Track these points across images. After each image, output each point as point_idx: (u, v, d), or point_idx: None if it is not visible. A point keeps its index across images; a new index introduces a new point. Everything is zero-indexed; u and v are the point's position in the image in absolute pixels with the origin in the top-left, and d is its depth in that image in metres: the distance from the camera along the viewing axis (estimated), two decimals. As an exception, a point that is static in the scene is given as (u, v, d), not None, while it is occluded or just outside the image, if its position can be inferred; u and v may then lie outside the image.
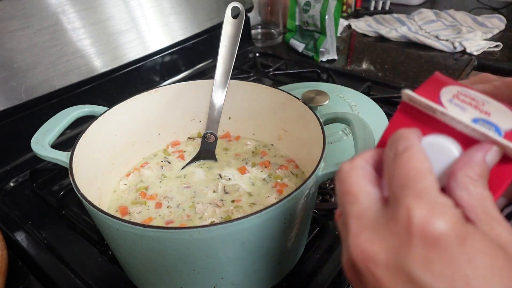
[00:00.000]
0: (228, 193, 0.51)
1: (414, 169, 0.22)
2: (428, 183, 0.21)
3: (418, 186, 0.21)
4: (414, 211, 0.20)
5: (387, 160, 0.24)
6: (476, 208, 0.21)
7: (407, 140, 0.23)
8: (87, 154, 0.46)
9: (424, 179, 0.21)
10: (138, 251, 0.38)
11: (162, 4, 0.82)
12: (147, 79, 0.85)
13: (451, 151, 0.22)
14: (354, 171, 0.25)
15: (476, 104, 0.24)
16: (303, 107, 0.50)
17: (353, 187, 0.24)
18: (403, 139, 0.24)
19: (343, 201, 0.24)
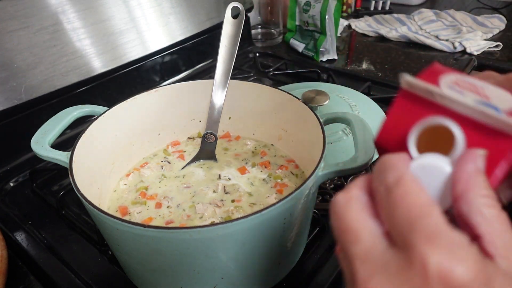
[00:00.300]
0: (228, 193, 0.51)
1: (415, 206, 0.20)
2: (435, 220, 0.19)
3: (426, 226, 0.19)
4: (429, 258, 0.18)
5: (379, 194, 0.22)
6: (494, 238, 0.20)
7: (395, 170, 0.22)
8: (87, 154, 0.46)
9: (430, 216, 0.20)
10: (138, 251, 0.38)
11: (162, 4, 0.82)
12: (147, 79, 0.85)
13: (443, 170, 0.21)
14: (351, 204, 0.23)
15: (475, 89, 0.25)
16: (303, 107, 0.50)
17: (352, 223, 0.22)
18: (391, 169, 0.22)
19: (344, 240, 0.22)
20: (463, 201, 0.21)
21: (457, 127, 0.22)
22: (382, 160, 0.23)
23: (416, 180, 0.21)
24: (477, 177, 0.21)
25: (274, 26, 1.14)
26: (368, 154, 0.41)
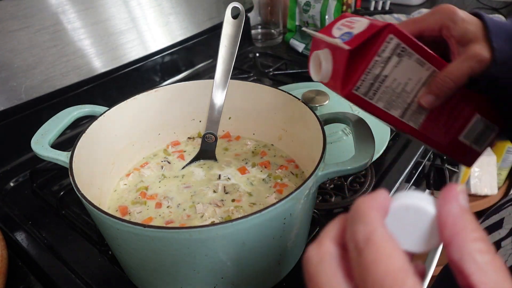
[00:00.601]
0: (228, 193, 0.51)
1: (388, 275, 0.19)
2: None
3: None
4: None
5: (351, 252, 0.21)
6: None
7: (366, 223, 0.20)
8: (87, 154, 0.46)
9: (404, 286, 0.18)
10: (138, 251, 0.38)
11: (162, 4, 0.82)
12: (147, 79, 0.85)
13: (427, 212, 0.21)
14: (323, 264, 0.21)
15: (350, 25, 0.36)
16: (303, 107, 0.50)
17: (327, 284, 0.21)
18: (362, 221, 0.21)
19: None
20: (454, 248, 0.19)
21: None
22: (355, 205, 0.22)
23: (387, 238, 0.20)
24: (463, 218, 0.20)
25: (274, 26, 1.14)
26: (368, 154, 0.41)
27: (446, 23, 0.37)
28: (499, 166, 1.37)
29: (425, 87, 0.37)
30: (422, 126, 0.39)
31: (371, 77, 0.35)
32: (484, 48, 0.35)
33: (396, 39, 0.34)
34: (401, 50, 0.35)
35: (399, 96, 0.37)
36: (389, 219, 0.21)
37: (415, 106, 0.38)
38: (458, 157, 0.43)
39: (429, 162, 0.80)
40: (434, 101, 0.37)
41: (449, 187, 0.21)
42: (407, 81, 0.37)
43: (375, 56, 0.34)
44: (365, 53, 0.34)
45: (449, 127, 0.40)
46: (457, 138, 0.41)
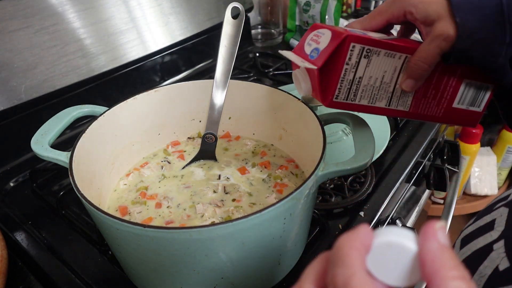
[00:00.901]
0: (228, 193, 0.51)
1: None
2: None
3: None
4: None
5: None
6: None
7: (346, 266, 0.21)
8: (87, 154, 0.46)
9: None
10: (138, 251, 0.38)
11: (162, 4, 0.82)
12: (147, 79, 0.85)
13: (408, 249, 0.21)
14: None
15: (316, 39, 0.38)
16: (303, 107, 0.50)
17: None
18: (342, 264, 0.21)
19: None
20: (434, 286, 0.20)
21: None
22: (337, 244, 0.22)
23: (366, 282, 0.20)
24: (443, 256, 0.20)
25: (274, 26, 1.14)
26: (368, 154, 0.41)
27: (408, 8, 0.38)
28: (499, 166, 1.37)
29: (402, 73, 0.39)
30: (412, 107, 0.42)
31: (346, 83, 0.38)
32: (449, 25, 0.36)
33: (358, 45, 0.36)
34: (367, 52, 0.37)
35: (380, 88, 0.39)
36: (372, 255, 0.21)
37: (399, 92, 0.40)
38: (458, 122, 0.44)
39: (429, 162, 0.80)
40: (415, 83, 0.39)
41: (428, 224, 0.21)
42: (383, 74, 0.39)
43: (344, 65, 0.37)
44: (334, 65, 0.37)
45: (440, 99, 0.42)
46: (451, 106, 0.42)
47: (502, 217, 0.30)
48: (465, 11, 0.35)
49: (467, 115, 0.44)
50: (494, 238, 0.29)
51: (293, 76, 0.43)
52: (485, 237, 0.30)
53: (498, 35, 0.35)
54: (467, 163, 1.24)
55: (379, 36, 0.39)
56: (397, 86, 0.40)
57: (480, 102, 0.43)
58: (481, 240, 0.30)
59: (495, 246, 0.28)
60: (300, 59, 0.39)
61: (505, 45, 0.35)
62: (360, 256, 0.21)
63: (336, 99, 0.38)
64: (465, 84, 0.42)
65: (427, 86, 0.40)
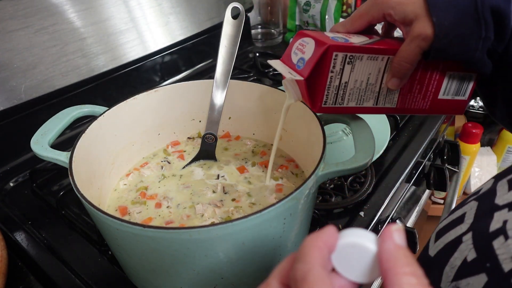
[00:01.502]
0: (227, 193, 0.51)
1: None
2: None
3: None
4: None
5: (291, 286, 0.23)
6: None
7: (305, 262, 0.23)
8: (87, 154, 0.46)
9: None
10: (138, 251, 0.38)
11: (162, 4, 0.82)
12: (147, 79, 0.85)
13: (369, 249, 0.23)
14: None
15: (302, 48, 0.40)
16: (303, 107, 0.50)
17: None
18: (302, 260, 0.23)
19: None
20: (389, 281, 0.21)
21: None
22: (302, 243, 0.24)
23: (321, 277, 0.22)
24: (397, 254, 0.22)
25: (274, 26, 1.14)
26: (368, 154, 0.41)
27: (387, 11, 0.39)
28: (499, 166, 1.37)
29: (387, 73, 0.40)
30: (399, 103, 0.43)
31: (333, 89, 0.39)
32: (426, 24, 0.37)
33: (340, 53, 0.38)
34: (350, 58, 0.38)
35: (366, 90, 0.41)
36: (336, 254, 0.23)
37: (385, 91, 0.42)
38: (445, 112, 0.46)
39: (429, 162, 0.80)
40: (400, 82, 0.40)
41: (387, 228, 0.23)
42: (368, 76, 0.40)
43: (329, 73, 0.38)
44: (320, 73, 0.38)
45: (425, 93, 0.43)
46: (437, 98, 0.44)
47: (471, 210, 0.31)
48: (441, 10, 0.36)
49: (453, 104, 0.45)
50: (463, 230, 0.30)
51: (283, 84, 0.44)
52: (455, 230, 0.31)
53: (474, 31, 0.36)
54: (467, 163, 1.24)
55: (361, 41, 0.40)
56: (383, 85, 0.41)
57: (465, 91, 0.45)
58: (452, 233, 0.31)
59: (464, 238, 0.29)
60: (288, 69, 0.41)
61: (481, 40, 0.37)
62: (320, 254, 0.23)
63: (325, 105, 0.40)
64: (449, 76, 0.43)
65: (411, 82, 0.42)
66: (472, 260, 0.27)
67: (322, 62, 0.38)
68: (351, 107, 0.42)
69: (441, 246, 0.32)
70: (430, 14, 0.36)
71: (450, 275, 0.29)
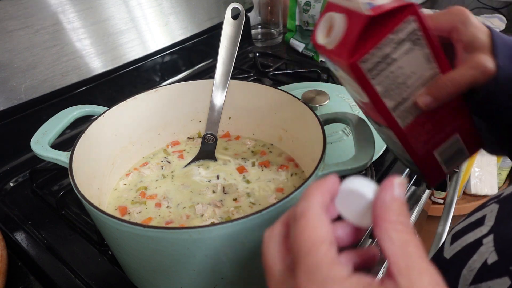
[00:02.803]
0: (227, 193, 0.51)
1: (308, 241, 0.22)
2: (320, 256, 0.22)
3: (310, 260, 0.22)
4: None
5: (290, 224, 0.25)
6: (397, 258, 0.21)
7: (306, 200, 0.24)
8: (87, 154, 0.46)
9: (317, 252, 0.22)
10: (138, 251, 0.38)
11: (162, 4, 0.82)
12: (147, 79, 0.85)
13: (366, 196, 0.24)
14: (270, 242, 0.26)
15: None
16: (303, 107, 0.50)
17: (268, 261, 0.25)
18: (303, 200, 0.24)
19: (265, 273, 0.25)
20: (377, 227, 0.22)
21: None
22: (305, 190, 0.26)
23: (318, 214, 0.24)
24: (391, 204, 0.23)
25: (274, 26, 1.14)
26: (368, 154, 0.41)
27: (457, 25, 0.36)
28: (499, 166, 1.37)
29: (425, 87, 0.36)
30: (407, 126, 0.38)
31: (380, 55, 0.34)
32: (490, 61, 0.34)
33: (414, 23, 0.33)
34: (416, 38, 0.34)
35: (398, 87, 0.36)
36: (339, 197, 0.25)
37: (409, 103, 0.37)
38: (427, 171, 0.42)
39: (429, 162, 0.80)
40: (431, 103, 0.36)
41: (389, 178, 0.24)
42: (410, 74, 0.35)
43: (391, 33, 0.33)
44: (381, 27, 0.32)
45: (430, 138, 0.39)
46: (432, 152, 0.40)
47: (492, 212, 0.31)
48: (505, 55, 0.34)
49: (436, 169, 0.42)
50: (484, 233, 0.30)
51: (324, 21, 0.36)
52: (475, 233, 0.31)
53: None
54: (467, 163, 1.24)
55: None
56: (412, 96, 0.37)
57: (452, 163, 0.42)
58: (471, 235, 0.31)
59: (485, 241, 0.29)
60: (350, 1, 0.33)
61: None
62: (321, 197, 0.25)
63: (361, 63, 0.33)
64: (456, 138, 0.40)
65: (431, 116, 0.38)
66: (493, 263, 0.27)
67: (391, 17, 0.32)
68: (374, 91, 0.35)
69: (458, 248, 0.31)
70: (496, 54, 0.34)
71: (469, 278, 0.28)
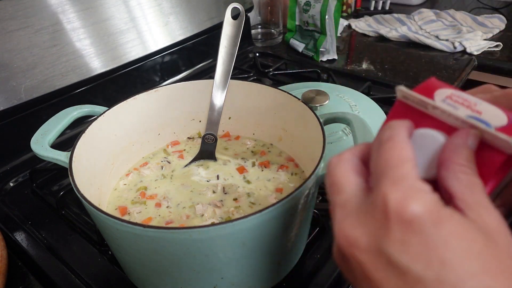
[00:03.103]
0: (227, 193, 0.51)
1: (394, 157, 0.23)
2: (406, 170, 0.22)
3: (396, 172, 0.22)
4: (389, 195, 0.21)
5: (373, 149, 0.25)
6: (465, 195, 0.22)
7: (392, 129, 0.25)
8: (87, 154, 0.46)
9: (403, 166, 0.23)
10: (138, 251, 0.38)
11: (162, 4, 0.82)
12: (147, 79, 0.85)
13: (438, 140, 0.24)
14: (341, 163, 0.26)
15: (468, 104, 0.25)
16: (303, 107, 0.50)
17: (338, 178, 0.25)
18: (389, 128, 0.25)
19: (331, 192, 0.26)
20: (444, 167, 0.23)
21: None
22: (385, 123, 0.26)
23: (406, 140, 0.24)
24: (462, 150, 0.23)
25: (274, 26, 1.14)
26: (368, 154, 0.41)
27: None
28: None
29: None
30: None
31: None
32: None
33: None
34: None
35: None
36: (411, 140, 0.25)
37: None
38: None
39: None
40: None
41: (466, 129, 0.24)
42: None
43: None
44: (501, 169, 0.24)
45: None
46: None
47: None
48: None
49: None
50: None
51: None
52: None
53: None
54: None
55: None
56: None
57: None
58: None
59: None
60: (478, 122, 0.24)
61: None
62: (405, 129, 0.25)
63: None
64: None
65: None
66: None
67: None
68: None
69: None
70: None
71: None
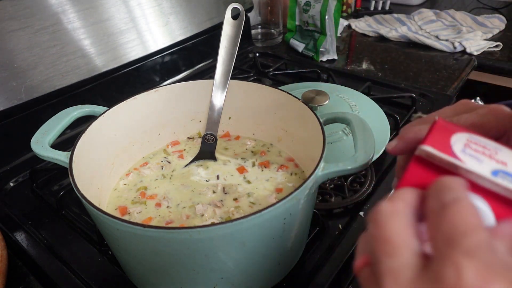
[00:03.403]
0: (227, 193, 0.51)
1: (464, 224, 0.19)
2: (480, 239, 0.18)
3: (469, 241, 0.18)
4: (464, 270, 0.17)
5: (432, 212, 0.21)
6: None
7: (455, 191, 0.21)
8: (87, 154, 0.46)
9: (476, 234, 0.19)
10: (138, 251, 0.38)
11: (162, 4, 0.82)
12: (147, 79, 0.85)
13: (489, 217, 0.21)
14: (397, 217, 0.21)
15: (490, 153, 0.24)
16: (303, 107, 0.50)
17: (393, 236, 0.21)
18: (450, 190, 0.21)
19: (379, 250, 0.21)
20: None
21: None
22: (441, 181, 0.22)
23: (474, 205, 0.20)
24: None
25: (274, 26, 1.14)
26: (368, 154, 0.41)
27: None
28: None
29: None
30: None
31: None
32: None
33: None
34: None
35: None
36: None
37: None
38: None
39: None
40: None
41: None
42: None
43: None
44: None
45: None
46: None
47: None
48: None
49: None
50: None
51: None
52: None
53: None
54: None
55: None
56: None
57: None
58: None
59: None
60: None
61: None
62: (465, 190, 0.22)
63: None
64: None
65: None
66: None
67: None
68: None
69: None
70: None
71: None
